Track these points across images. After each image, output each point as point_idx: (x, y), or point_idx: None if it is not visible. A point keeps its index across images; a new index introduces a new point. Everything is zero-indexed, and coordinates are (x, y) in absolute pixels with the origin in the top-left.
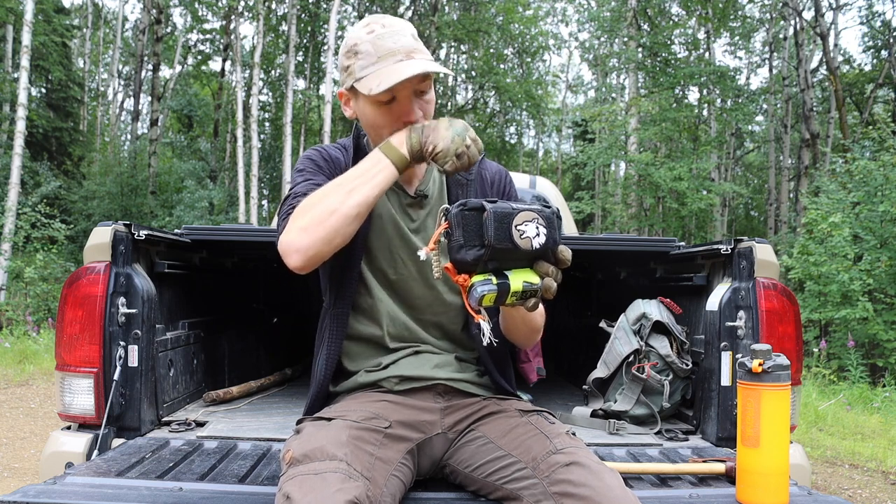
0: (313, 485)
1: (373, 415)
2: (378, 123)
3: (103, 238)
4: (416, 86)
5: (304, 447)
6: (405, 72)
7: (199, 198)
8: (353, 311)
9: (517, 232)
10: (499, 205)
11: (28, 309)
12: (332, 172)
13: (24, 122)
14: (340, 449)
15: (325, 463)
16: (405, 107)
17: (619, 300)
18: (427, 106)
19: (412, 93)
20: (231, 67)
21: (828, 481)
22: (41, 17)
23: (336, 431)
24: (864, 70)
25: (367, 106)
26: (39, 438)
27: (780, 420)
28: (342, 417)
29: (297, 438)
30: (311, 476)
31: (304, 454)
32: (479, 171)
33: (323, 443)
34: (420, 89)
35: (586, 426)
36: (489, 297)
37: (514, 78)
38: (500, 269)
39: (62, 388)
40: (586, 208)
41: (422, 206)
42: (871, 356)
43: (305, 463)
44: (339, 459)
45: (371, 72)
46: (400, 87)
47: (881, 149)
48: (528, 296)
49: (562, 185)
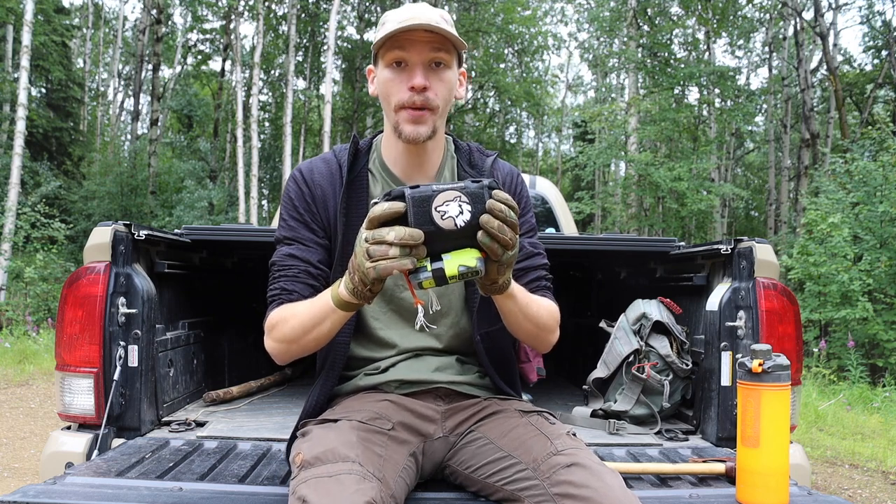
0: (329, 487)
1: (376, 415)
2: (388, 91)
3: (103, 238)
4: (428, 54)
5: (315, 449)
6: (409, 23)
7: (199, 198)
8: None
9: (437, 214)
10: (420, 188)
11: (28, 309)
12: (316, 209)
13: (24, 122)
14: (352, 450)
15: (337, 465)
16: (413, 71)
17: (619, 300)
18: (441, 85)
19: (424, 61)
20: (231, 67)
21: (828, 481)
22: (41, 17)
23: (345, 433)
24: (865, 70)
25: (382, 71)
26: (39, 438)
27: (780, 420)
28: (347, 418)
29: (307, 441)
30: (325, 478)
31: (315, 457)
32: (490, 171)
33: (334, 444)
34: (434, 59)
35: (586, 426)
36: (428, 283)
37: (513, 77)
38: (437, 253)
39: (62, 388)
40: (586, 208)
41: None
42: (871, 356)
43: (317, 466)
44: (351, 461)
45: (383, 30)
46: (411, 49)
47: (881, 149)
48: (467, 277)
49: (562, 185)
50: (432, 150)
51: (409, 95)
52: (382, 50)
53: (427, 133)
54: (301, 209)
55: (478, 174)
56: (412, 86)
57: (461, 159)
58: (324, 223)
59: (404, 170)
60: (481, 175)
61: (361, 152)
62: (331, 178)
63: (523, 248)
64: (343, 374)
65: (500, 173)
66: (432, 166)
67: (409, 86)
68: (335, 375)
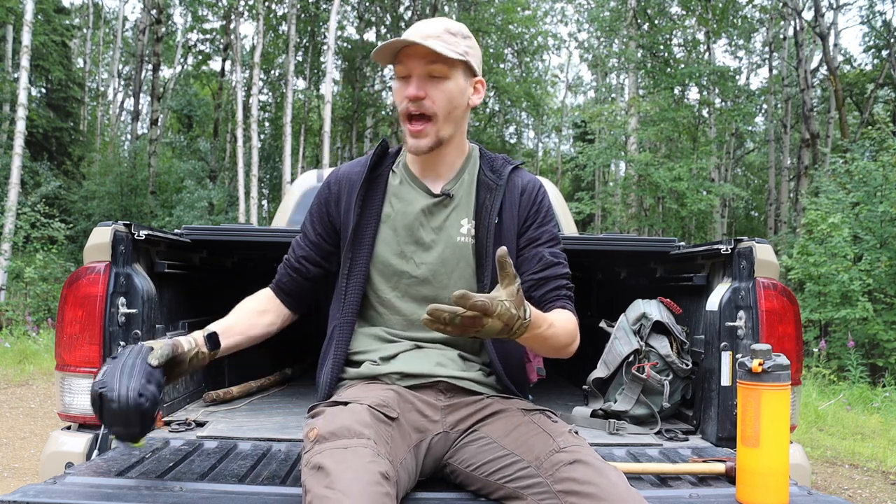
0: (345, 456)
1: (383, 402)
2: (397, 100)
3: (103, 238)
4: (423, 67)
5: (331, 425)
6: (401, 39)
7: (199, 198)
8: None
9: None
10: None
11: (28, 309)
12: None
13: (24, 122)
14: (367, 429)
15: (353, 440)
16: (410, 82)
17: (619, 300)
18: (439, 94)
19: (421, 74)
20: (231, 67)
21: (828, 481)
22: (41, 17)
23: (358, 413)
24: (865, 70)
25: (395, 81)
26: (39, 438)
27: (780, 420)
28: (357, 402)
29: (322, 418)
30: (341, 450)
31: (330, 432)
32: (511, 177)
33: (349, 422)
34: (430, 72)
35: (586, 426)
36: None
37: (513, 77)
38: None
39: (62, 388)
40: (586, 209)
41: (446, 205)
42: (871, 356)
43: (333, 440)
44: (366, 437)
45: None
46: (408, 63)
47: (881, 149)
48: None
49: (562, 185)
50: (447, 153)
51: (407, 105)
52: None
53: (427, 145)
54: (315, 205)
55: (497, 178)
56: (407, 95)
57: (483, 164)
58: (332, 220)
59: (423, 170)
60: (500, 179)
61: (389, 155)
62: (357, 174)
63: (543, 258)
64: (349, 357)
65: (521, 180)
66: (450, 168)
67: (405, 95)
68: (341, 355)
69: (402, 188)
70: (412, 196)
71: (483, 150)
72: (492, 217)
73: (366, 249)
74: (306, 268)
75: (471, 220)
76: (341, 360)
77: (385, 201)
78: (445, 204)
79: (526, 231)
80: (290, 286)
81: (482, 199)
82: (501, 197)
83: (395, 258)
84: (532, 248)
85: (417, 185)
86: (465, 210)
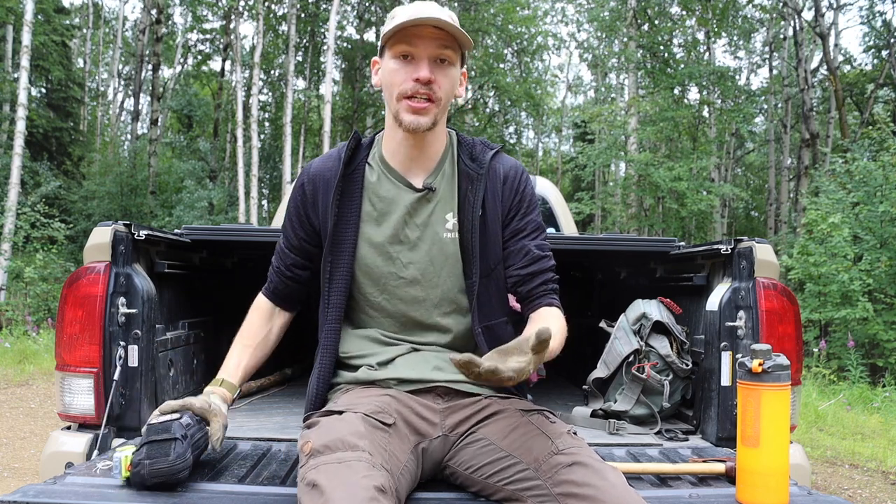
0: (339, 472)
1: (379, 409)
2: (392, 81)
3: (103, 238)
4: (435, 50)
5: (324, 438)
6: (416, 17)
7: (199, 198)
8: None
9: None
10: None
11: (28, 309)
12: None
13: (24, 122)
14: (361, 440)
15: (347, 453)
16: (419, 64)
17: (619, 300)
18: (445, 80)
19: (430, 56)
20: (231, 67)
21: (828, 481)
22: (41, 17)
23: (352, 423)
24: (865, 70)
25: (389, 61)
26: (39, 438)
27: (780, 420)
28: (352, 410)
29: (316, 430)
30: (335, 465)
31: (324, 445)
32: (492, 164)
33: (343, 434)
34: (440, 55)
35: (586, 426)
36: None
37: (513, 77)
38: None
39: (62, 388)
40: (586, 209)
41: (429, 199)
42: (871, 356)
43: (327, 453)
44: (361, 449)
45: (391, 24)
46: (418, 44)
47: (881, 149)
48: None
49: (561, 185)
50: (431, 142)
51: (413, 86)
52: (391, 42)
53: (427, 123)
54: (293, 208)
55: (478, 167)
56: (417, 77)
57: (462, 153)
58: (311, 223)
59: (402, 161)
60: (481, 168)
61: (363, 147)
62: (330, 171)
63: (530, 251)
64: (342, 360)
65: (502, 167)
66: (431, 159)
67: (415, 77)
68: (329, 361)
69: (382, 184)
70: (393, 192)
71: (461, 136)
72: (475, 210)
73: (347, 252)
74: (298, 274)
75: (455, 213)
76: (330, 367)
77: (364, 199)
78: (429, 198)
79: (510, 222)
80: (286, 291)
81: (464, 191)
82: (484, 188)
83: (380, 259)
84: (518, 240)
85: (397, 180)
86: (448, 203)
